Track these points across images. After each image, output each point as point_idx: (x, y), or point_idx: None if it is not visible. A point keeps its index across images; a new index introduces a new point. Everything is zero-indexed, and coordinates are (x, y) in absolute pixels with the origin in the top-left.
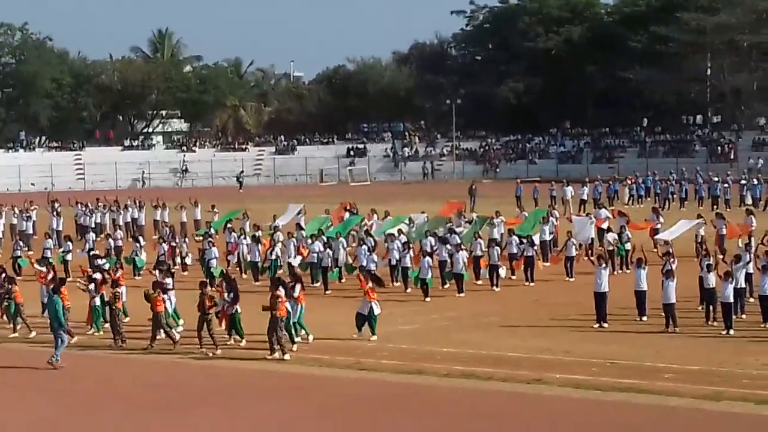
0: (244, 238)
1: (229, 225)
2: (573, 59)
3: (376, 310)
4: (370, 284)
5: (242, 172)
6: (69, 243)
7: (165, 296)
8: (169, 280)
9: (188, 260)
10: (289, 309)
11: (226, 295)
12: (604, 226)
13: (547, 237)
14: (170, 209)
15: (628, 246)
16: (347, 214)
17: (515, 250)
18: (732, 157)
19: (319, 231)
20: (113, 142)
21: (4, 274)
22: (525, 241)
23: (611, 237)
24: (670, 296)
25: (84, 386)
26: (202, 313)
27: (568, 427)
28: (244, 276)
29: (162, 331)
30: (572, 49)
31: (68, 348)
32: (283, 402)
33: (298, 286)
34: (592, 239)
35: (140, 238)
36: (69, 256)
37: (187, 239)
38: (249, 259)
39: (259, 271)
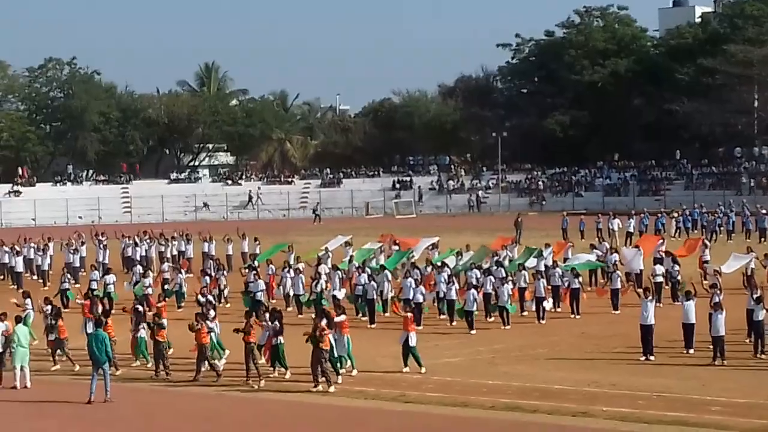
0: (288, 271)
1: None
2: (619, 92)
3: (412, 341)
4: (408, 314)
5: (318, 203)
6: (112, 275)
7: (209, 327)
8: (212, 313)
9: (226, 292)
10: (332, 341)
11: (270, 326)
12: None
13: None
14: (217, 242)
15: (678, 277)
16: (395, 248)
17: (558, 282)
18: None
19: (363, 263)
20: (147, 175)
21: (50, 306)
22: (570, 272)
23: (660, 269)
24: (719, 329)
25: (126, 417)
26: (246, 344)
27: None
28: (289, 309)
29: (206, 363)
30: (618, 82)
31: (112, 380)
32: None
33: (342, 316)
34: (641, 270)
35: (183, 271)
36: (111, 288)
37: (226, 272)
38: (293, 293)
39: (304, 304)
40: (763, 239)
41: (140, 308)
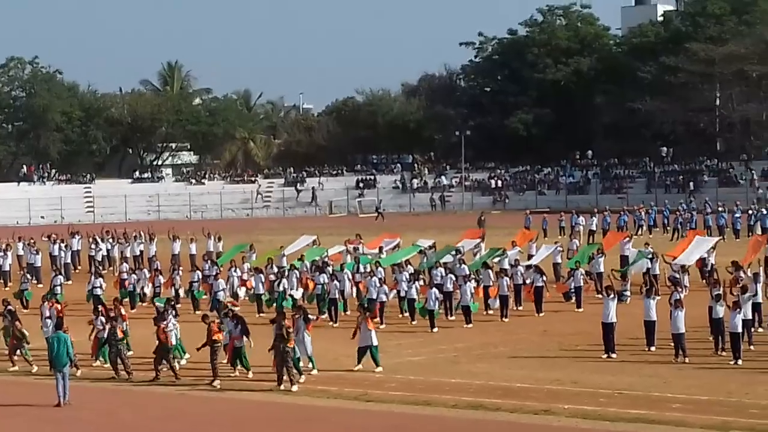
0: (235, 270)
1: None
2: (582, 90)
3: (374, 341)
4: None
5: (381, 201)
6: (60, 277)
7: (169, 327)
8: (172, 313)
9: (181, 292)
10: (306, 343)
11: (233, 327)
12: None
13: (602, 268)
14: (182, 241)
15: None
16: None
17: (520, 281)
18: (755, 186)
19: (323, 263)
20: (109, 174)
21: (9, 308)
22: (534, 271)
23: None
24: (679, 326)
25: (89, 418)
26: (212, 344)
27: None
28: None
29: (166, 362)
30: (581, 80)
31: (73, 381)
32: None
33: (309, 318)
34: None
35: (145, 271)
36: (58, 290)
37: (181, 271)
38: (253, 292)
39: (265, 303)
40: (723, 237)
41: (100, 308)
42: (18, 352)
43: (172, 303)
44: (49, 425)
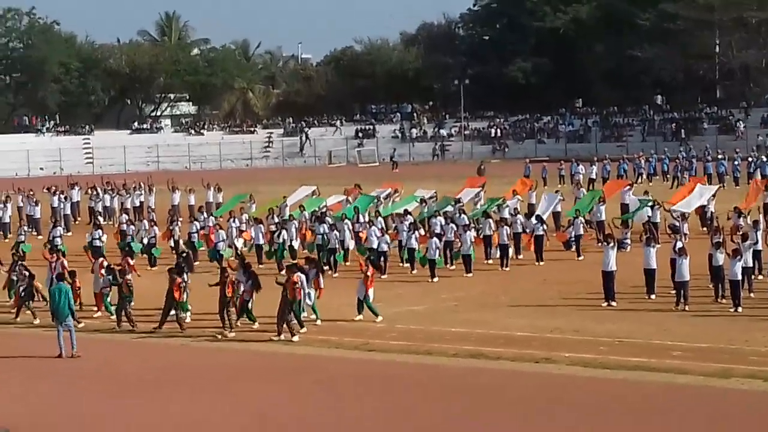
0: (234, 221)
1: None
2: (581, 38)
3: (371, 295)
4: (371, 271)
5: (395, 150)
6: (59, 228)
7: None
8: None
9: (180, 243)
10: (309, 293)
11: (244, 280)
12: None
13: (603, 217)
14: (181, 192)
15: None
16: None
17: (519, 229)
18: (740, 134)
19: (323, 213)
20: (108, 125)
21: (21, 263)
22: (535, 220)
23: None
24: (684, 274)
25: (94, 369)
26: (223, 296)
27: (576, 404)
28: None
29: (175, 314)
30: (580, 28)
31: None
32: (288, 381)
33: (321, 275)
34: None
35: (145, 222)
36: (59, 241)
37: (180, 222)
38: (253, 242)
39: (265, 255)
40: (723, 185)
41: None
42: (25, 304)
43: (184, 256)
44: (50, 376)
